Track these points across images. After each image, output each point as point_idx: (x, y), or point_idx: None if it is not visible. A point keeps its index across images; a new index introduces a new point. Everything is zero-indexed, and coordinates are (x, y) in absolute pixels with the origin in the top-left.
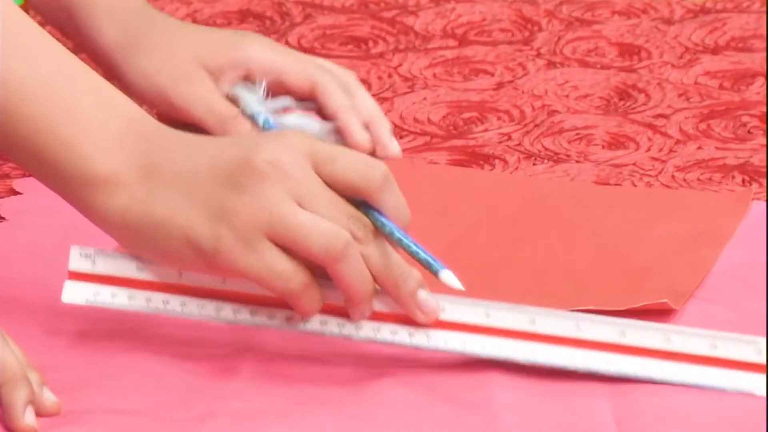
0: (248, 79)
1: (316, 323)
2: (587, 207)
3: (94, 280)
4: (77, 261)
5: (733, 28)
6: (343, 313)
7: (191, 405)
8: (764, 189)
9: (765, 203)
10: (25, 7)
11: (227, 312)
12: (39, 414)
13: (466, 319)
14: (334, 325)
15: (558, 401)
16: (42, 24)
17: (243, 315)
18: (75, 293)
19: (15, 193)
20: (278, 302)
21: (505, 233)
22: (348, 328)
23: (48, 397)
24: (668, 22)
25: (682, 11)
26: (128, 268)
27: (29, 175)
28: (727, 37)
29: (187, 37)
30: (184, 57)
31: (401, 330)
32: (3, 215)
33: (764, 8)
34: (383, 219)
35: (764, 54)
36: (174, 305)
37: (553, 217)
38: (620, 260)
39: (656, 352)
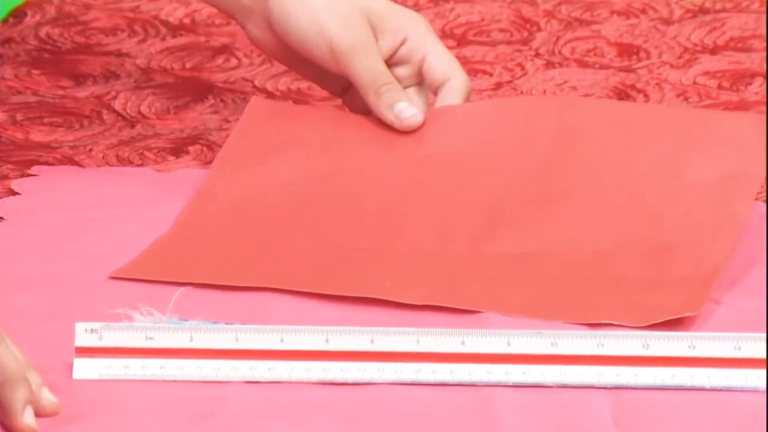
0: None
1: (337, 371)
2: (618, 144)
3: (103, 354)
4: (83, 337)
5: (732, 28)
6: (361, 358)
7: (191, 404)
8: (764, 189)
9: (765, 203)
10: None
11: (244, 370)
12: (38, 414)
13: (488, 350)
14: (356, 371)
15: (557, 401)
16: None
17: (261, 372)
18: (86, 369)
19: (14, 193)
20: (295, 355)
21: (538, 191)
22: (370, 372)
23: (47, 398)
24: (667, 22)
25: (681, 11)
26: (137, 339)
27: (28, 176)
28: (726, 37)
29: None
30: (353, 5)
31: (424, 368)
32: (2, 215)
33: (763, 8)
34: None
35: (763, 54)
36: (190, 370)
37: (585, 161)
38: (647, 235)
39: (681, 360)
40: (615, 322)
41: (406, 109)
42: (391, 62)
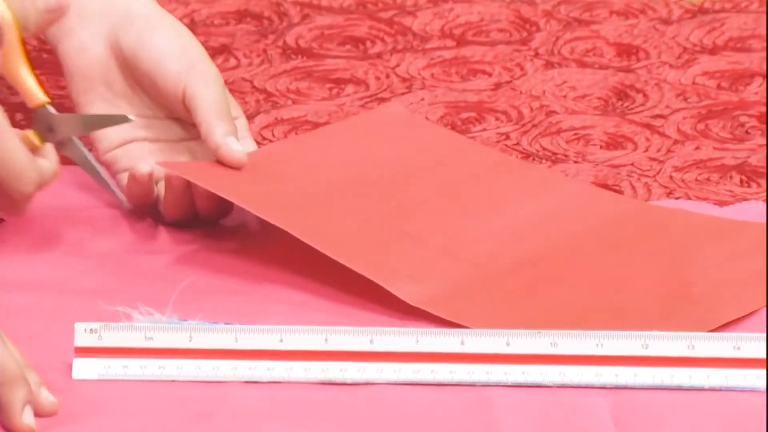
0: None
1: (336, 371)
2: (658, 233)
3: (102, 354)
4: (83, 337)
5: (731, 28)
6: (362, 358)
7: (190, 404)
8: (763, 189)
9: (765, 203)
10: None
11: (244, 370)
12: (37, 414)
13: (487, 350)
14: (355, 371)
15: (556, 401)
16: None
17: (260, 372)
18: (85, 369)
19: None
20: (294, 355)
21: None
22: (369, 372)
23: (46, 397)
24: (666, 22)
25: (680, 11)
26: (136, 339)
27: None
28: (725, 37)
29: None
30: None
31: (423, 368)
32: (1, 216)
33: (762, 8)
34: None
35: (763, 54)
36: (189, 370)
37: (627, 244)
38: (674, 285)
39: (680, 360)
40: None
41: (234, 143)
42: None
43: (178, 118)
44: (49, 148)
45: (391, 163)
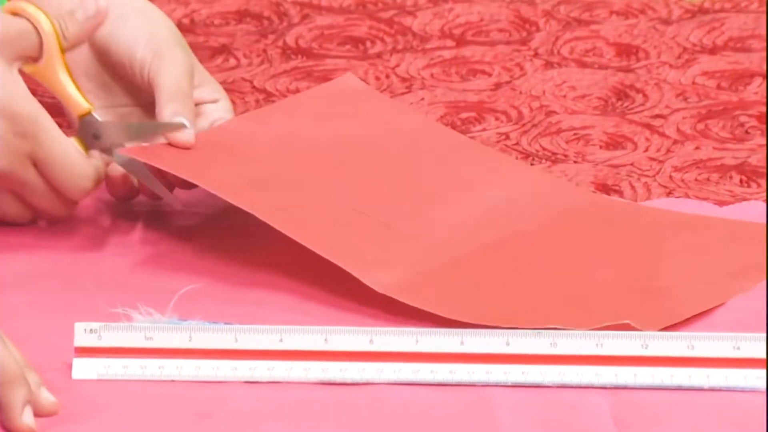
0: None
1: (336, 371)
2: (619, 225)
3: (102, 354)
4: (82, 337)
5: (731, 28)
6: (361, 358)
7: (190, 404)
8: (763, 189)
9: (764, 203)
10: None
11: (243, 370)
12: (37, 414)
13: (487, 350)
14: (354, 371)
15: (556, 401)
16: None
17: (260, 372)
18: (85, 369)
19: None
20: (294, 355)
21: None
22: (369, 372)
23: (46, 397)
24: (666, 22)
25: (680, 11)
26: (136, 339)
27: None
28: (725, 37)
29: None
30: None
31: (423, 368)
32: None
33: (762, 8)
34: None
35: (763, 54)
36: (189, 370)
37: (589, 236)
38: (638, 281)
39: (680, 360)
40: (560, 327)
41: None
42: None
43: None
44: (95, 153)
45: (351, 140)
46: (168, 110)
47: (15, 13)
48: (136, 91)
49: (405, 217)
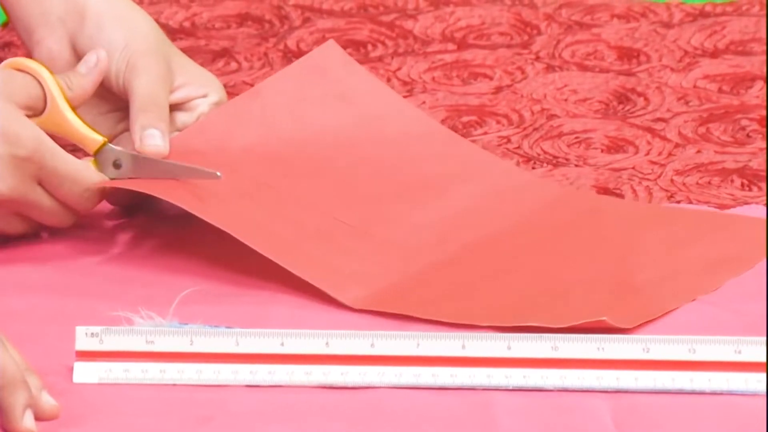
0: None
1: (337, 375)
2: (595, 220)
3: (103, 358)
4: (83, 340)
5: (732, 32)
6: (365, 362)
7: (191, 408)
8: (764, 193)
9: (764, 206)
10: None
11: (245, 374)
12: (38, 418)
13: (489, 354)
14: (356, 375)
15: (557, 405)
16: None
17: (261, 375)
18: (86, 373)
19: None
20: (295, 359)
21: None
22: (370, 376)
23: (47, 401)
24: (667, 25)
25: (682, 15)
26: (137, 342)
27: None
28: (726, 40)
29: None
30: (165, 43)
31: (424, 371)
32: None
33: (764, 12)
34: None
35: (764, 57)
36: (190, 373)
37: (564, 233)
38: (614, 277)
39: (682, 363)
40: (534, 324)
41: (153, 136)
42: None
43: None
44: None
45: (326, 139)
46: (138, 122)
47: (17, 69)
48: (117, 98)
49: (381, 221)
